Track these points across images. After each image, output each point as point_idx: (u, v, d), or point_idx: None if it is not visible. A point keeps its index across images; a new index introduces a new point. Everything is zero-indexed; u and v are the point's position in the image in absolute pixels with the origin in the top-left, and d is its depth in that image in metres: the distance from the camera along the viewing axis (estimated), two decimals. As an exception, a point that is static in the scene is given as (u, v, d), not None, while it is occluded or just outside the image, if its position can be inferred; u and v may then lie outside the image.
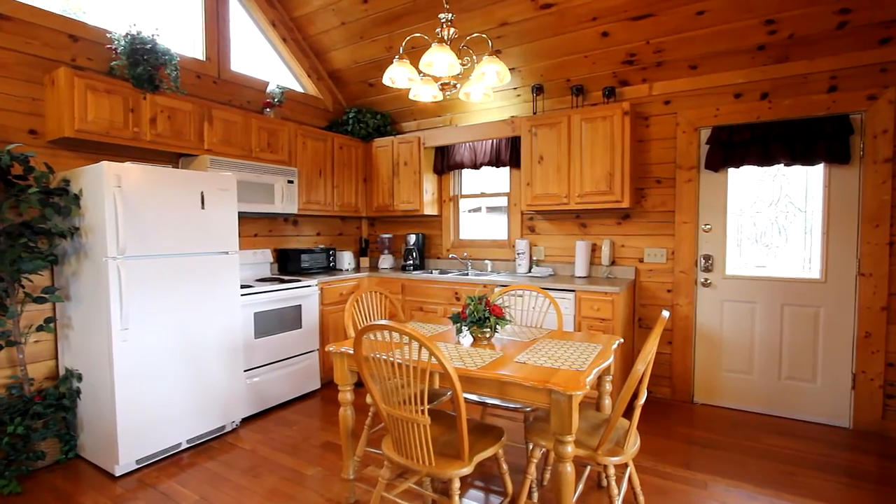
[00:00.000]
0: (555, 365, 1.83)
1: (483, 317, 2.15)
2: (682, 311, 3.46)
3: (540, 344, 2.17)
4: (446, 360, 1.58)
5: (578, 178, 3.47)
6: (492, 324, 2.14)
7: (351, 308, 2.47)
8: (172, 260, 2.61)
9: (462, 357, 1.93)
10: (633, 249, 3.63)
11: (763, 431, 3.00)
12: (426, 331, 2.44)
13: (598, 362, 1.88)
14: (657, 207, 3.52)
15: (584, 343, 2.18)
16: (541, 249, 4.00)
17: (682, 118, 3.37)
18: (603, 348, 2.10)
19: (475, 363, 1.85)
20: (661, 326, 1.77)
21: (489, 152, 4.06)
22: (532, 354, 1.98)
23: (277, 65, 4.21)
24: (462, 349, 2.06)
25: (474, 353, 1.99)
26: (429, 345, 1.56)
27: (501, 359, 1.92)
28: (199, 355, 2.77)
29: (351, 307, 2.47)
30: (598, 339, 2.28)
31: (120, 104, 2.72)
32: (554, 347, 2.10)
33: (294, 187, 3.73)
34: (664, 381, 3.55)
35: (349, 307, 2.47)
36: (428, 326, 2.56)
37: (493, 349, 2.08)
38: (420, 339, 1.56)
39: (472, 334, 2.22)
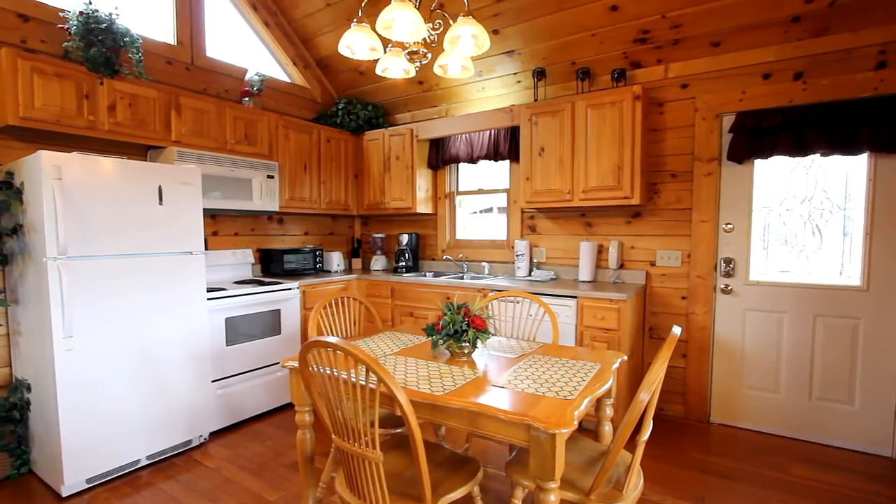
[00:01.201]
0: (539, 390, 1.52)
1: (460, 329, 1.84)
2: (698, 320, 3.09)
3: (528, 361, 1.85)
4: (394, 385, 1.27)
5: (583, 172, 3.13)
6: (470, 337, 1.83)
7: (317, 316, 2.18)
8: (125, 261, 2.36)
9: (430, 378, 1.63)
10: (643, 251, 3.27)
11: (790, 459, 2.63)
12: (401, 343, 2.14)
13: (592, 388, 1.55)
14: (672, 204, 3.16)
15: (580, 361, 1.86)
16: (542, 251, 3.66)
17: (702, 103, 3.00)
18: (601, 368, 1.77)
19: (443, 387, 1.54)
20: (669, 348, 1.44)
21: (486, 145, 3.74)
22: (516, 375, 1.66)
23: (261, 53, 3.95)
24: (434, 367, 1.75)
25: (447, 374, 1.68)
26: (373, 366, 1.26)
27: (477, 381, 1.61)
28: (159, 365, 2.52)
29: (317, 315, 2.19)
30: (597, 356, 1.95)
31: (72, 89, 2.48)
32: (544, 366, 1.78)
33: (274, 183, 3.47)
34: (677, 398, 3.18)
35: (315, 315, 2.18)
36: (406, 337, 2.26)
37: (472, 368, 1.77)
38: (363, 359, 1.26)
39: (449, 350, 1.91)
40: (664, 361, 1.41)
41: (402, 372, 1.70)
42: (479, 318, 1.87)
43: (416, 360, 1.85)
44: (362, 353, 1.27)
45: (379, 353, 1.96)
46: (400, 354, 1.94)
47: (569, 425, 1.29)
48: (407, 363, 1.81)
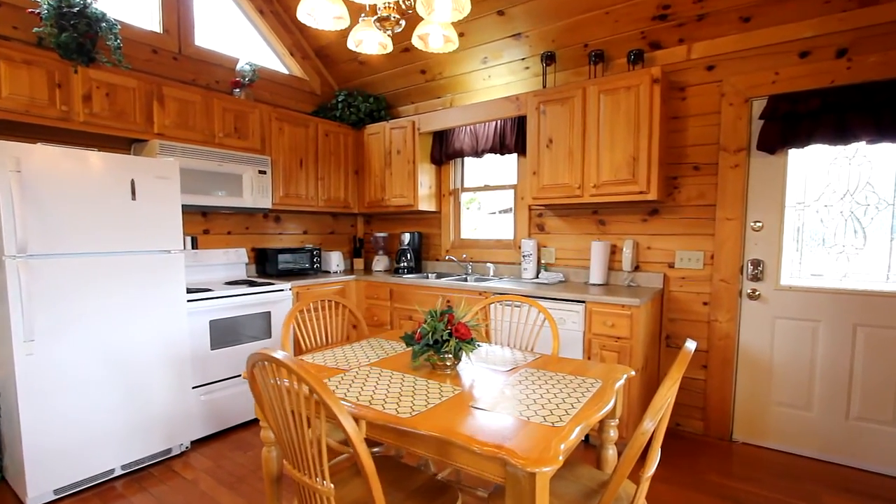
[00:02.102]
0: (525, 413, 1.28)
1: (441, 339, 1.62)
2: (721, 328, 2.79)
3: (520, 376, 1.62)
4: (338, 409, 1.06)
5: (594, 165, 2.87)
6: (452, 348, 1.60)
7: (290, 322, 1.99)
8: (94, 260, 2.22)
9: (401, 396, 1.41)
10: (661, 252, 2.98)
11: (823, 485, 2.32)
12: (382, 352, 1.93)
13: (587, 413, 1.31)
14: (693, 200, 2.86)
15: (578, 377, 1.61)
16: (551, 251, 3.40)
17: (730, 87, 2.70)
18: (602, 387, 1.52)
19: (412, 407, 1.32)
20: (681, 367, 1.19)
21: (492, 137, 3.50)
22: (502, 393, 1.43)
23: (257, 43, 3.80)
24: (409, 382, 1.53)
25: (422, 390, 1.46)
26: (316, 386, 1.05)
27: (455, 400, 1.38)
28: (134, 370, 2.37)
29: (290, 321, 1.99)
30: (600, 370, 1.70)
31: (43, 78, 2.35)
32: (536, 382, 1.55)
33: (267, 178, 3.31)
34: (696, 413, 2.89)
35: (288, 322, 1.99)
36: (389, 345, 2.05)
37: (453, 383, 1.54)
38: (305, 378, 1.06)
39: (430, 362, 1.69)
40: (674, 383, 1.16)
41: (372, 387, 1.49)
42: (464, 327, 1.65)
43: (392, 374, 1.64)
44: (304, 371, 1.06)
45: (354, 364, 1.76)
46: (376, 365, 1.73)
47: (552, 462, 1.05)
48: (381, 376, 1.60)
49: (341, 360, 1.80)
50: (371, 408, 1.32)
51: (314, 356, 1.86)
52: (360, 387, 1.49)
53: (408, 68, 3.79)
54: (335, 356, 1.86)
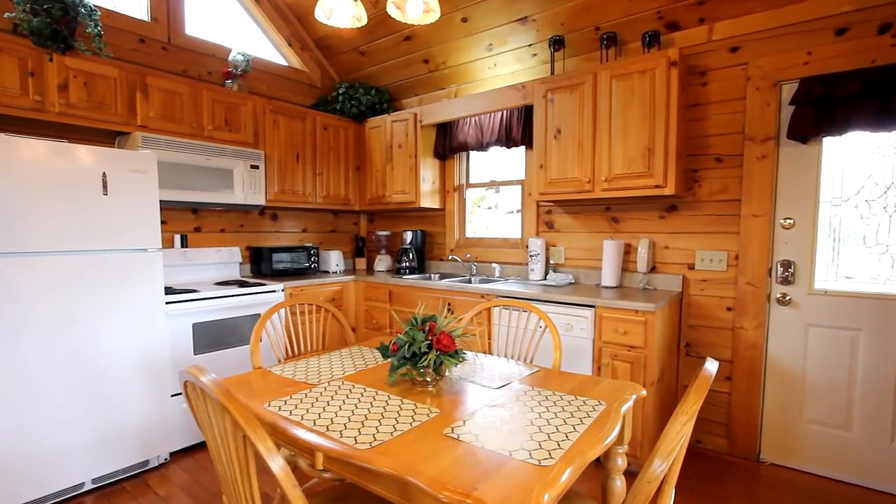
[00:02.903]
0: (507, 447, 1.08)
1: (419, 351, 1.42)
2: (747, 336, 2.52)
3: (511, 395, 1.41)
4: (264, 446, 0.87)
5: (606, 157, 2.63)
6: (431, 361, 1.40)
7: (260, 329, 1.81)
8: (59, 259, 2.08)
9: (367, 420, 1.22)
10: (679, 252, 2.73)
11: (871, 520, 2.05)
12: (362, 362, 1.74)
13: (583, 447, 1.09)
14: (716, 195, 2.60)
15: (579, 398, 1.39)
16: (560, 251, 3.17)
17: (756, 70, 2.43)
18: (605, 411, 1.30)
19: (374, 436, 1.13)
20: (698, 397, 0.97)
21: (497, 129, 3.28)
22: (486, 418, 1.23)
23: (255, 34, 3.65)
24: (381, 402, 1.34)
25: (393, 412, 1.27)
26: (239, 416, 0.87)
27: (427, 426, 1.19)
28: (106, 377, 2.24)
29: (261, 328, 1.82)
30: (605, 389, 1.48)
31: (14, 66, 2.23)
32: (529, 404, 1.34)
33: (260, 173, 3.16)
34: (718, 429, 2.63)
35: (258, 328, 1.82)
36: (372, 355, 1.86)
37: (432, 403, 1.34)
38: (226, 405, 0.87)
39: (408, 377, 1.49)
40: (689, 419, 0.94)
41: (336, 408, 1.30)
42: (447, 337, 1.45)
43: (365, 390, 1.44)
44: (228, 399, 0.88)
45: (325, 377, 1.57)
46: (350, 380, 1.55)
47: (533, 517, 0.84)
48: (351, 394, 1.41)
49: (313, 373, 1.62)
50: (327, 435, 1.13)
51: (284, 367, 1.68)
52: (323, 407, 1.30)
53: (410, 58, 3.60)
54: (308, 367, 1.68)
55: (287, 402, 1.34)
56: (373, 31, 3.49)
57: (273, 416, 1.24)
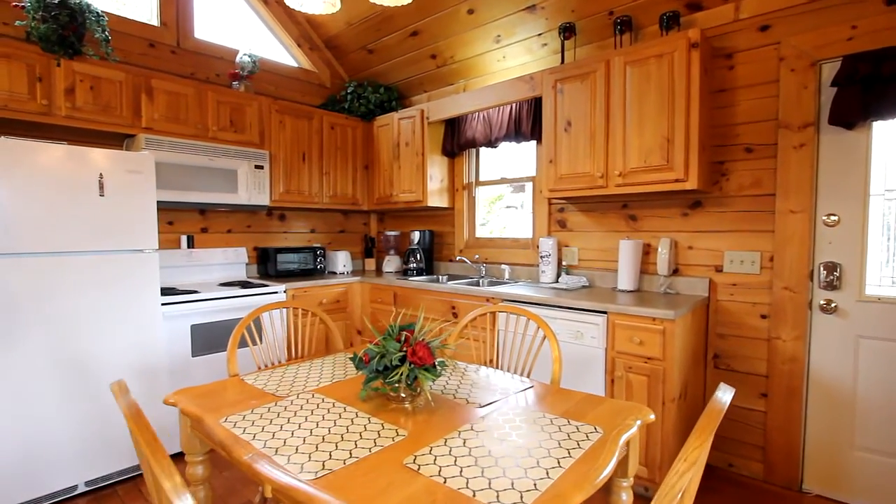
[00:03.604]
0: (470, 486, 0.92)
1: (390, 364, 1.28)
2: (785, 348, 2.25)
3: (494, 415, 1.24)
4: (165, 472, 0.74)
5: (620, 150, 2.42)
6: (402, 376, 1.25)
7: (238, 335, 1.72)
8: (54, 260, 2.06)
9: (321, 443, 1.08)
10: (705, 253, 2.48)
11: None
12: (340, 373, 1.61)
13: (564, 490, 0.92)
14: (746, 189, 2.34)
15: (573, 422, 1.21)
16: (573, 251, 2.96)
17: (791, 49, 2.17)
18: (600, 441, 1.12)
19: (325, 463, 0.99)
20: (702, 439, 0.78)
21: (506, 123, 3.11)
22: (457, 446, 1.07)
23: (265, 36, 3.63)
24: (347, 420, 1.21)
25: (354, 435, 1.13)
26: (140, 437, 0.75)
27: (388, 452, 1.04)
28: (100, 379, 2.21)
29: (238, 333, 1.72)
30: (605, 411, 1.29)
31: (23, 71, 2.25)
32: (512, 428, 1.17)
33: (264, 174, 3.11)
34: (753, 452, 2.35)
35: (236, 333, 1.72)
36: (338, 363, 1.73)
37: (403, 424, 1.20)
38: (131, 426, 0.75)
39: (381, 392, 1.35)
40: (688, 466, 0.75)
41: (295, 426, 1.17)
42: (424, 349, 1.30)
43: (334, 405, 1.31)
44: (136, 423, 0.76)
45: (297, 388, 1.45)
46: (321, 392, 1.42)
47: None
48: (316, 409, 1.28)
49: (285, 383, 1.50)
50: (273, 460, 1.01)
51: (259, 376, 1.57)
52: (281, 425, 1.18)
53: (418, 54, 3.48)
54: (283, 377, 1.57)
55: (246, 417, 1.23)
56: (379, 28, 3.39)
57: (224, 434, 1.13)
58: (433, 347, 1.34)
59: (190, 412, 1.26)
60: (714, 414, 0.83)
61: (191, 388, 1.46)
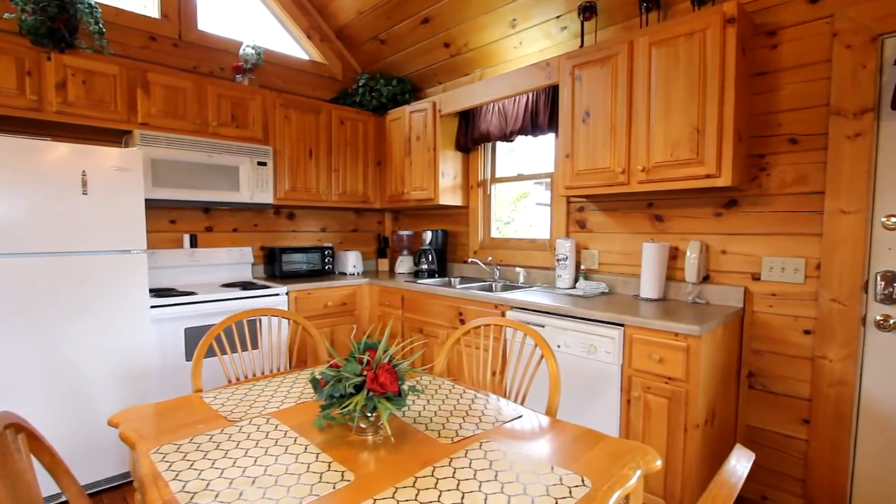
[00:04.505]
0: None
1: (345, 392, 1.11)
2: (832, 369, 1.95)
3: (464, 458, 1.06)
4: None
5: (644, 142, 2.16)
6: (357, 407, 1.08)
7: (205, 347, 1.59)
8: (33, 261, 1.99)
9: (250, 485, 0.93)
10: (740, 258, 2.19)
11: None
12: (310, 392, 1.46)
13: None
14: (789, 186, 2.04)
15: (557, 470, 1.01)
16: (593, 254, 2.72)
17: (847, 22, 1.86)
18: (588, 497, 0.91)
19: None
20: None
21: (522, 115, 2.88)
22: (406, 500, 0.90)
23: (275, 28, 3.53)
24: (287, 458, 1.05)
25: (295, 475, 0.97)
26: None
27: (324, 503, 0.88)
28: (83, 384, 2.14)
29: (206, 344, 1.60)
30: (601, 455, 1.09)
31: (11, 65, 2.20)
32: (479, 476, 0.98)
33: (267, 171, 3.01)
34: (792, 485, 2.07)
35: (205, 342, 1.60)
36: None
37: (357, 463, 1.03)
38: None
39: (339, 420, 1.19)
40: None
41: (230, 462, 1.03)
42: (388, 374, 1.12)
43: (286, 434, 1.16)
44: None
45: (256, 410, 1.31)
46: (279, 416, 1.27)
47: None
48: (264, 439, 1.14)
49: (245, 403, 1.37)
50: (185, 505, 0.86)
51: (219, 394, 1.44)
52: (216, 460, 1.04)
53: (430, 42, 3.30)
54: (247, 394, 1.43)
55: (182, 447, 1.09)
56: (390, 15, 3.23)
57: (146, 470, 0.99)
58: (400, 372, 1.16)
59: (127, 438, 1.14)
60: (723, 494, 0.62)
61: (141, 406, 1.34)
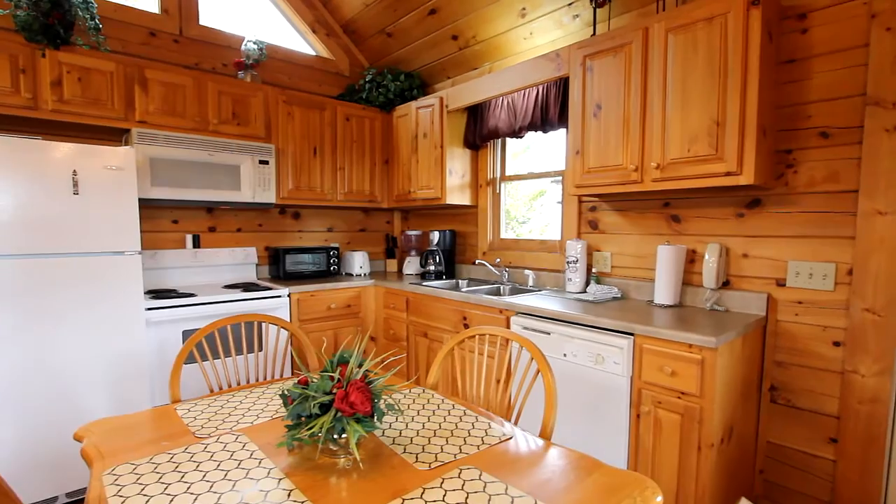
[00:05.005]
0: None
1: (311, 413, 1.02)
2: (864, 386, 1.77)
3: (436, 491, 0.96)
4: None
5: (659, 137, 2.01)
6: (322, 429, 0.99)
7: (183, 356, 1.53)
8: (20, 263, 1.94)
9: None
10: (764, 263, 2.02)
11: None
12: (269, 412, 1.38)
13: None
14: (820, 185, 1.87)
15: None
16: (606, 257, 2.57)
17: (886, 2, 1.68)
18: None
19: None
20: None
21: (531, 110, 2.75)
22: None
23: (279, 22, 3.47)
24: (251, 480, 0.96)
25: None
26: None
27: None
28: (77, 388, 2.10)
29: (185, 353, 1.54)
30: (592, 488, 0.97)
31: (5, 63, 2.18)
32: (454, 509, 0.88)
33: (269, 169, 2.95)
34: (822, 511, 1.90)
35: (184, 350, 1.53)
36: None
37: (318, 493, 0.94)
38: None
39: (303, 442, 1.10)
40: None
41: (183, 487, 0.95)
42: (360, 392, 1.03)
43: (251, 455, 1.08)
44: None
45: (228, 424, 1.24)
46: (250, 433, 1.19)
47: None
48: (227, 461, 1.05)
49: (219, 417, 1.29)
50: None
51: (195, 406, 1.37)
52: (169, 484, 0.96)
53: (438, 35, 3.18)
54: (223, 406, 1.36)
55: (138, 468, 1.01)
56: (396, 7, 3.13)
57: (94, 494, 0.92)
58: (375, 390, 1.06)
59: (86, 455, 1.08)
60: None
61: (110, 418, 1.28)
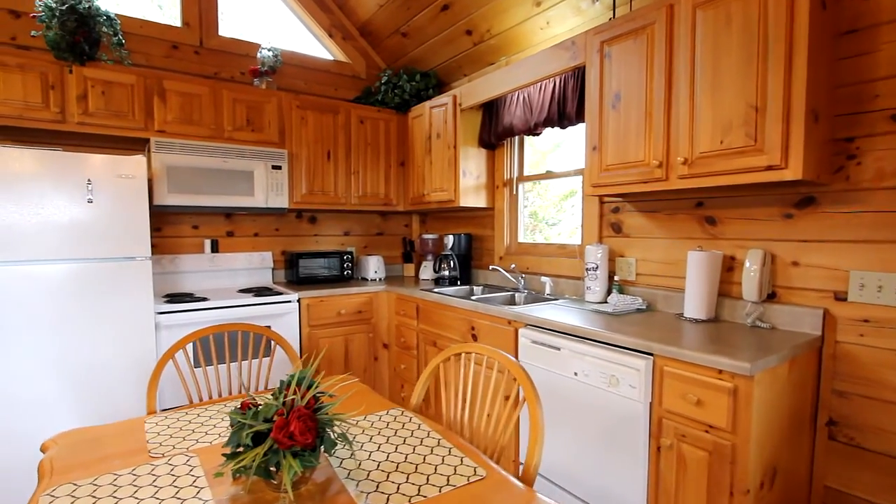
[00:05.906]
0: None
1: (245, 444, 0.89)
2: (953, 425, 1.44)
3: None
4: None
5: (686, 128, 1.76)
6: (253, 463, 0.86)
7: (162, 365, 1.46)
8: (38, 269, 2.01)
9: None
10: (819, 272, 1.72)
11: None
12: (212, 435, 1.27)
13: None
14: (889, 179, 1.56)
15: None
16: (630, 263, 2.32)
17: (971, -49, 1.36)
18: None
19: None
20: None
21: (548, 105, 2.54)
22: None
23: (298, 29, 3.46)
24: (171, 521, 0.85)
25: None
26: None
27: None
28: (89, 391, 2.14)
29: (164, 362, 1.47)
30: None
31: (37, 80, 2.27)
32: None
33: (283, 174, 2.92)
34: (895, 574, 1.56)
35: (163, 360, 1.46)
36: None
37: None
38: None
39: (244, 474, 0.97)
40: None
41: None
42: (303, 421, 0.89)
43: (197, 481, 0.97)
44: None
45: (188, 444, 1.14)
46: (204, 453, 1.09)
47: None
48: (168, 487, 0.95)
49: (183, 432, 1.21)
50: None
51: (164, 419, 1.29)
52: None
53: (452, 31, 3.05)
54: (190, 421, 1.28)
55: (77, 489, 0.94)
56: (409, 5, 3.02)
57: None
58: (322, 419, 0.92)
59: (40, 470, 1.01)
60: None
61: (80, 429, 1.22)
